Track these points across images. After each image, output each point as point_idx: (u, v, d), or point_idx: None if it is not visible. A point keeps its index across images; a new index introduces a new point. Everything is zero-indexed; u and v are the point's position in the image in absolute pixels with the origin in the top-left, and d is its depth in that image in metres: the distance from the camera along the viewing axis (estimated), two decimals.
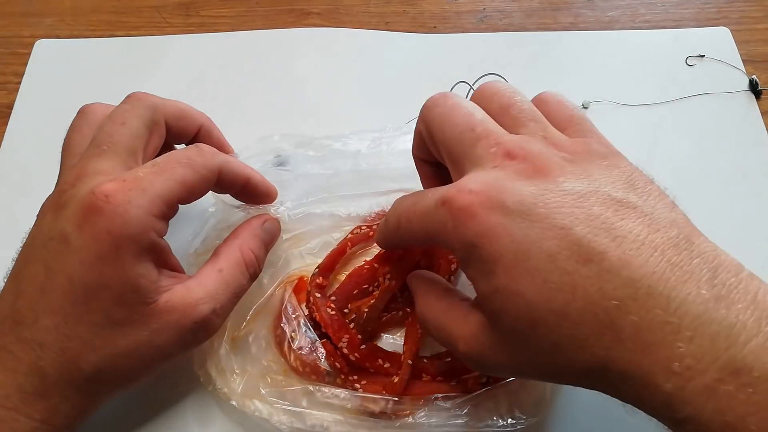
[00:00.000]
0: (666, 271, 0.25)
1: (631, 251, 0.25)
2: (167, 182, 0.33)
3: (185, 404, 0.43)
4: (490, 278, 0.27)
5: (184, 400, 0.43)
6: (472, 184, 0.28)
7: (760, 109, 0.57)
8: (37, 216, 0.35)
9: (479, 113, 0.32)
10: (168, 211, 0.33)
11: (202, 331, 0.35)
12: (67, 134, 0.39)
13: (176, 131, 0.40)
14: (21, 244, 0.35)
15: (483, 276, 0.28)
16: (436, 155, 0.34)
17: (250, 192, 0.40)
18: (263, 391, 0.40)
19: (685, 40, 0.61)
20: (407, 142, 0.46)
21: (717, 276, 0.25)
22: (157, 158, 0.34)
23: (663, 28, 0.62)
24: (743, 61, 0.59)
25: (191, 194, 0.34)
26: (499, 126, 0.32)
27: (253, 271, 0.38)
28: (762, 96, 0.57)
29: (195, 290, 0.34)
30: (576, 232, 0.26)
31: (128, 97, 0.38)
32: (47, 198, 0.35)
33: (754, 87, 0.57)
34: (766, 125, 0.56)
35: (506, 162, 0.29)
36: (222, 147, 0.42)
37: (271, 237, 0.41)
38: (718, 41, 0.61)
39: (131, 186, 0.31)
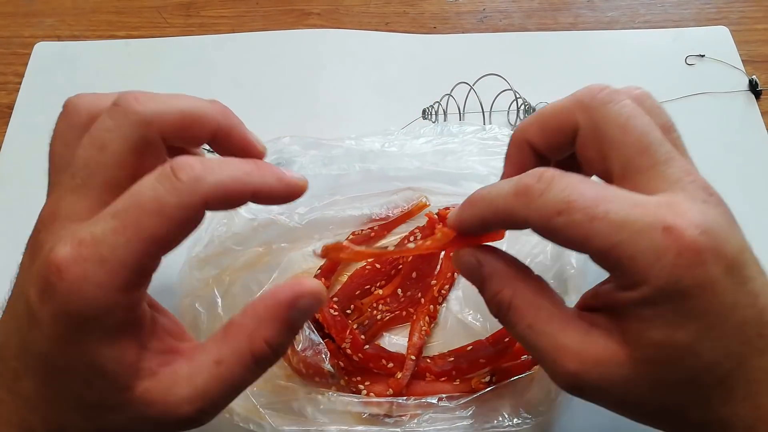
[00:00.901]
0: None
1: None
2: (131, 244, 0.25)
3: None
4: (676, 330, 0.25)
5: None
6: (699, 221, 0.25)
7: (760, 109, 0.57)
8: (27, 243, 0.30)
9: (657, 128, 0.28)
10: (138, 278, 0.26)
11: (189, 425, 0.28)
12: (51, 140, 0.32)
13: (181, 142, 0.31)
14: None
15: (667, 324, 0.25)
16: (592, 153, 0.29)
17: (261, 201, 0.29)
18: (263, 410, 0.39)
19: (685, 40, 0.61)
20: (417, 144, 0.46)
21: None
22: (120, 200, 0.26)
23: (663, 28, 0.62)
24: (743, 61, 0.59)
25: (167, 247, 0.26)
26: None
27: (265, 364, 0.28)
28: (762, 96, 0.58)
29: (181, 385, 0.27)
30: (762, 306, 0.26)
31: (113, 104, 0.28)
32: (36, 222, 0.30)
33: (753, 87, 0.58)
34: (766, 125, 0.56)
35: (711, 200, 0.27)
36: (246, 149, 0.33)
37: (305, 317, 0.29)
38: (718, 41, 0.61)
39: (87, 255, 0.25)
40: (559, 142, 0.30)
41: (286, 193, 0.29)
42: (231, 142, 0.32)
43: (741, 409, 0.26)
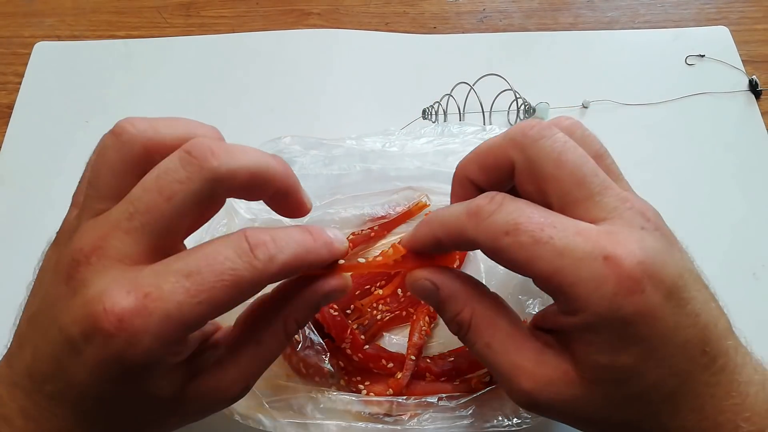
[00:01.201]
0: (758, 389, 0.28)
1: (740, 364, 0.28)
2: (199, 307, 0.25)
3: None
4: (619, 354, 0.26)
5: None
6: (637, 249, 0.25)
7: (760, 109, 0.57)
8: (48, 249, 0.31)
9: (591, 158, 0.29)
10: (191, 332, 0.27)
11: (234, 401, 0.31)
12: (95, 156, 0.30)
13: (243, 197, 0.30)
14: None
15: (611, 349, 0.26)
16: (530, 188, 0.29)
17: (312, 271, 0.31)
18: (266, 404, 0.40)
19: (685, 40, 0.61)
20: (417, 144, 0.46)
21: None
22: (194, 259, 0.26)
23: (663, 28, 0.63)
24: (743, 61, 0.59)
25: (222, 312, 0.27)
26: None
27: (292, 337, 0.32)
28: (762, 96, 0.58)
29: (228, 370, 0.30)
30: (703, 324, 0.27)
31: (187, 152, 0.27)
32: (62, 226, 0.30)
33: (753, 87, 0.58)
34: (766, 125, 0.56)
35: (648, 226, 0.27)
36: (297, 208, 0.32)
37: (329, 302, 0.33)
38: (718, 41, 0.61)
39: (152, 309, 0.25)
40: (498, 178, 0.31)
41: (330, 260, 0.31)
42: (286, 201, 0.31)
43: (688, 421, 0.27)
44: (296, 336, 0.42)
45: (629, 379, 0.26)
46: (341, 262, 0.31)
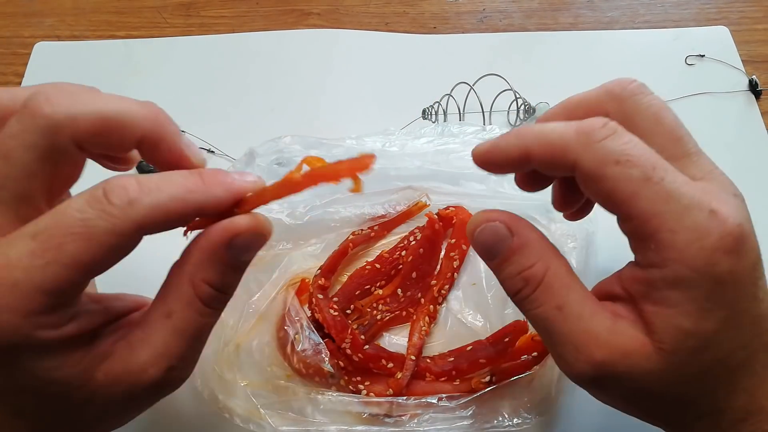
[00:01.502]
0: None
1: None
2: (50, 268, 0.23)
3: (189, 422, 0.42)
4: (705, 318, 0.25)
5: (187, 418, 0.42)
6: (737, 212, 0.25)
7: (760, 109, 0.57)
8: None
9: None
10: (59, 300, 0.24)
11: (163, 389, 0.28)
12: None
13: (100, 149, 0.27)
14: None
15: (697, 311, 0.25)
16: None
17: (208, 215, 0.27)
18: (266, 408, 0.39)
19: (685, 40, 0.61)
20: (418, 144, 0.46)
21: None
22: (43, 219, 0.24)
23: (663, 28, 0.62)
24: (743, 61, 0.59)
25: (95, 272, 0.24)
26: None
27: (218, 304, 0.28)
28: (762, 96, 0.58)
29: (140, 350, 0.26)
30: (765, 302, 0.27)
31: (22, 106, 0.25)
32: None
33: (753, 87, 0.58)
34: (766, 125, 0.56)
35: (738, 194, 0.27)
36: (178, 162, 0.28)
37: (247, 253, 0.27)
38: (718, 41, 0.61)
39: None
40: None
41: (232, 201, 0.27)
42: (160, 153, 0.28)
43: (739, 401, 0.27)
44: (296, 336, 0.41)
45: (707, 348, 0.25)
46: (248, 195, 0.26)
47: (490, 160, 0.28)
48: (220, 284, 0.27)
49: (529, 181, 0.31)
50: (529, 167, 0.28)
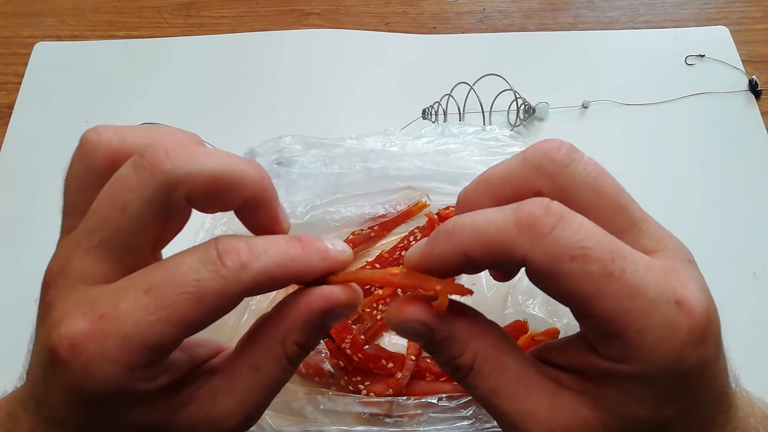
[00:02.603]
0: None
1: (737, 391, 0.27)
2: (159, 325, 0.23)
3: None
4: (663, 408, 0.23)
5: None
6: (701, 294, 0.23)
7: (759, 109, 0.57)
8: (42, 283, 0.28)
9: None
10: (160, 356, 0.24)
11: None
12: (65, 176, 0.28)
13: (209, 207, 0.27)
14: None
15: (656, 402, 0.23)
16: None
17: (304, 283, 0.27)
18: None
19: (685, 40, 0.61)
20: (418, 144, 0.46)
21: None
22: (155, 272, 0.24)
23: (663, 28, 0.63)
24: (743, 61, 0.59)
25: (196, 330, 0.25)
26: None
27: (298, 361, 0.28)
28: (762, 96, 0.58)
29: (223, 399, 0.26)
30: (725, 362, 0.25)
31: (139, 156, 0.25)
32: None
33: (753, 87, 0.58)
34: (766, 125, 0.56)
35: (690, 257, 0.25)
36: (272, 223, 0.28)
37: (335, 320, 0.27)
38: (718, 41, 0.61)
39: (108, 331, 0.23)
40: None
41: (329, 270, 0.26)
42: (259, 216, 0.28)
43: None
44: None
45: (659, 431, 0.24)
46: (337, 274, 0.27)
47: (427, 270, 0.25)
48: (306, 344, 0.27)
49: (495, 273, 0.29)
50: (474, 269, 0.25)
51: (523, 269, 0.24)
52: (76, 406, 0.24)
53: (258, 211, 0.27)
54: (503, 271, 0.29)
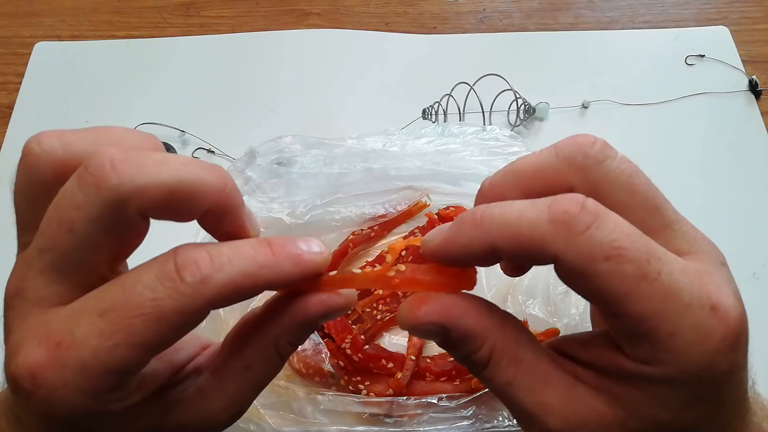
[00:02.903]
0: None
1: (756, 417, 0.26)
2: (117, 351, 0.22)
3: None
4: (687, 412, 0.23)
5: None
6: (735, 299, 0.23)
7: (759, 109, 0.57)
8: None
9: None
10: (125, 378, 0.23)
11: (223, 429, 0.28)
12: (13, 187, 0.26)
13: (166, 218, 0.25)
14: None
15: (680, 406, 0.23)
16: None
17: (281, 289, 0.27)
18: (264, 411, 0.39)
19: (685, 40, 0.61)
20: (418, 144, 0.46)
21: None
22: (109, 294, 0.23)
23: (663, 28, 0.63)
24: (743, 61, 0.59)
25: (161, 349, 0.24)
26: None
27: (287, 356, 0.28)
28: (762, 96, 0.58)
29: (213, 399, 0.26)
30: (745, 374, 0.25)
31: (83, 169, 0.23)
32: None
33: (753, 87, 0.58)
34: (766, 125, 0.56)
35: (724, 260, 0.24)
36: (239, 231, 0.26)
37: (328, 320, 0.29)
38: (718, 41, 0.61)
39: (65, 360, 0.22)
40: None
41: (304, 277, 0.25)
42: (222, 224, 0.26)
43: None
44: None
45: None
46: (332, 274, 0.26)
47: (446, 258, 0.24)
48: (297, 342, 0.27)
49: (510, 267, 0.29)
50: (496, 262, 0.24)
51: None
52: (50, 429, 0.24)
53: (222, 220, 0.25)
54: (520, 265, 0.28)
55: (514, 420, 0.38)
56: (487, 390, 0.39)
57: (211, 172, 0.24)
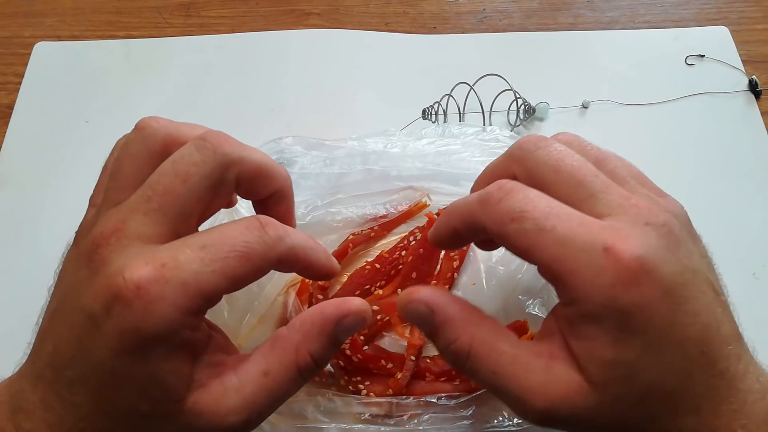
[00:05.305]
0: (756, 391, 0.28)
1: (742, 371, 0.28)
2: (213, 276, 0.27)
3: None
4: (621, 346, 0.26)
5: None
6: (636, 245, 0.26)
7: (759, 109, 0.57)
8: (68, 250, 0.31)
9: (589, 163, 0.30)
10: (207, 306, 0.28)
11: None
12: (117, 151, 0.32)
13: (246, 191, 0.32)
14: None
15: (612, 341, 0.26)
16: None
17: (307, 274, 0.32)
18: None
19: (685, 40, 0.61)
20: (419, 145, 0.46)
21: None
22: (208, 235, 0.28)
23: (663, 28, 0.63)
24: (743, 61, 0.60)
25: (238, 287, 0.28)
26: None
27: (308, 375, 0.30)
28: (762, 96, 0.58)
29: (230, 396, 0.29)
30: (703, 325, 0.27)
31: (201, 139, 0.29)
32: (80, 226, 0.31)
33: (753, 87, 0.58)
34: (766, 125, 0.56)
35: (653, 221, 0.27)
36: (288, 217, 0.34)
37: (348, 333, 0.31)
38: (718, 41, 0.61)
39: (169, 277, 0.26)
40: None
41: (327, 273, 0.32)
42: (279, 208, 0.33)
43: (686, 423, 0.27)
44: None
45: (635, 376, 0.26)
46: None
47: (439, 243, 0.33)
48: (318, 357, 0.30)
49: (478, 243, 0.36)
50: (463, 241, 0.32)
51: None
52: (121, 352, 0.26)
53: (280, 204, 0.33)
54: (481, 240, 0.34)
55: (515, 419, 0.38)
56: (486, 390, 0.39)
57: (281, 166, 0.32)
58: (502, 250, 0.31)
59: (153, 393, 0.27)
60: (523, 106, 0.55)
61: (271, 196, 0.33)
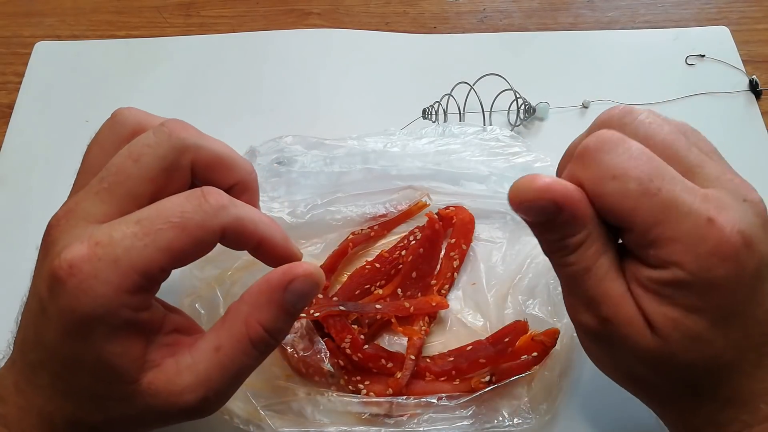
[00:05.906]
0: None
1: None
2: (146, 250, 0.26)
3: (189, 424, 0.41)
4: (698, 316, 0.26)
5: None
6: (738, 219, 0.25)
7: (760, 109, 0.57)
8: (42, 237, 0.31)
9: (681, 135, 0.29)
10: (147, 283, 0.27)
11: (193, 415, 0.29)
12: (90, 143, 0.33)
13: (204, 179, 0.31)
14: (26, 250, 0.33)
15: (689, 308, 0.26)
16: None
17: (263, 255, 0.30)
18: (265, 409, 0.39)
19: (685, 40, 0.61)
20: (419, 144, 0.46)
21: None
22: (146, 209, 0.27)
23: (663, 28, 0.62)
24: (743, 61, 0.59)
25: (180, 261, 0.27)
26: None
27: (264, 348, 0.29)
28: (762, 96, 0.58)
29: (184, 374, 0.28)
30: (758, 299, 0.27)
31: (160, 124, 0.30)
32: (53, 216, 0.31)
33: (754, 87, 0.58)
34: (766, 125, 0.56)
35: (750, 199, 0.27)
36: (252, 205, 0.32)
37: (301, 300, 0.29)
38: (718, 41, 0.61)
39: (101, 254, 0.26)
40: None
41: (283, 255, 0.30)
42: (240, 200, 0.31)
43: (722, 393, 0.28)
44: (296, 335, 0.41)
45: (698, 343, 0.27)
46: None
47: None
48: (271, 327, 0.29)
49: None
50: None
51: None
52: (64, 334, 0.26)
53: (241, 196, 0.31)
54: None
55: (514, 419, 0.38)
56: (487, 390, 0.39)
57: (245, 159, 0.33)
58: (502, 249, 0.31)
59: (103, 375, 0.27)
60: (523, 106, 0.55)
61: (232, 188, 0.32)
